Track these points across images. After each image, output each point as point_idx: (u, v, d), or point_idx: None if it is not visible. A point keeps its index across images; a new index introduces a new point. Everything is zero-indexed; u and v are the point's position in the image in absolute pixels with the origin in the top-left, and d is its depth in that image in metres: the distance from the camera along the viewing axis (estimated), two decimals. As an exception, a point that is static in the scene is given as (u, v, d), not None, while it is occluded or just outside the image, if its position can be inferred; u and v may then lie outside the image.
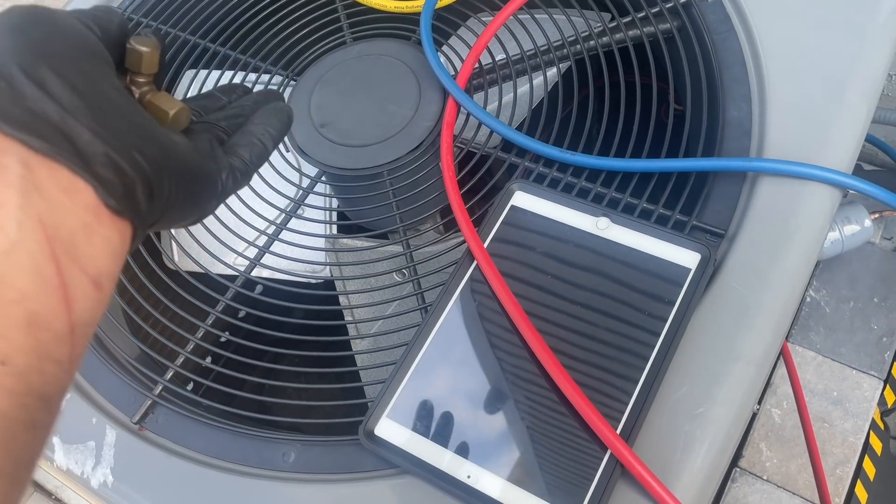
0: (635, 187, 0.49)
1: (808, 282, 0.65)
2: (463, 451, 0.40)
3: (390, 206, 0.52)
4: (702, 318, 0.42)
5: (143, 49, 0.30)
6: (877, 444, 0.90)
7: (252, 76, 0.62)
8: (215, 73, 0.63)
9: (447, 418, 0.41)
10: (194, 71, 0.63)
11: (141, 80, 0.30)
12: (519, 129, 0.58)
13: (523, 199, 0.48)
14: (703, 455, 0.39)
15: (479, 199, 0.52)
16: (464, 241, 0.47)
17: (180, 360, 0.49)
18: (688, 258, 0.44)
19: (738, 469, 0.90)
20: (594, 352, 0.42)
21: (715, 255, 0.43)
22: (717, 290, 0.43)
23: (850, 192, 0.47)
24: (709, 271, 0.43)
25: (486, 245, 0.46)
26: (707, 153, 0.50)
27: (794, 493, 0.87)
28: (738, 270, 0.44)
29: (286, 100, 0.58)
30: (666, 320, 0.42)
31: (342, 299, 0.53)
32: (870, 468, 0.89)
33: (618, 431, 0.38)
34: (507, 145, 0.53)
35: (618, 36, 0.57)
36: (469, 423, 0.41)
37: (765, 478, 0.89)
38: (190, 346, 0.49)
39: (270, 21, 0.63)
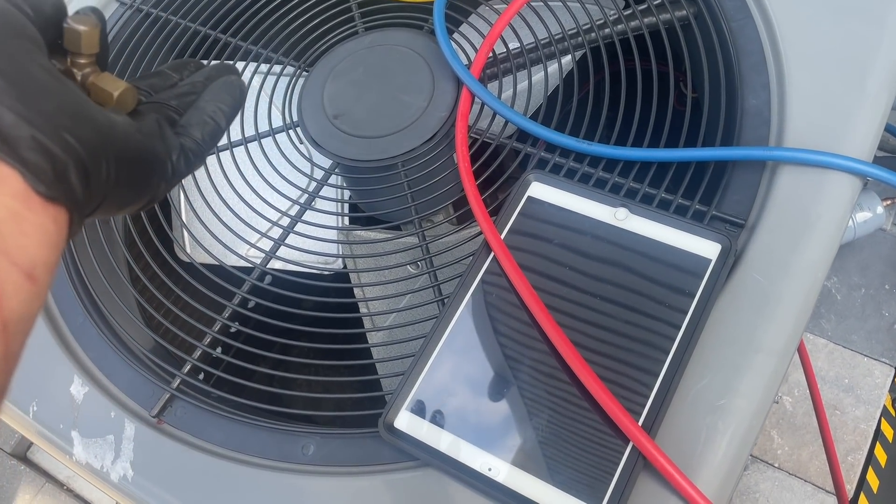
0: (653, 177, 0.49)
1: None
2: (483, 443, 0.40)
3: (405, 197, 0.52)
4: (723, 310, 0.42)
5: (82, 28, 0.28)
6: (888, 431, 0.90)
7: (264, 67, 0.62)
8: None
9: (467, 411, 0.41)
10: (206, 62, 0.63)
11: (82, 61, 0.29)
12: (534, 118, 0.58)
13: (540, 190, 0.48)
14: (725, 447, 0.39)
15: (494, 190, 0.52)
16: (479, 233, 0.47)
17: (198, 353, 0.48)
18: (708, 249, 0.43)
19: (749, 456, 0.90)
20: (614, 344, 0.41)
21: (735, 246, 0.43)
22: (738, 280, 0.43)
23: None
24: (729, 262, 0.43)
25: (503, 236, 0.46)
26: (725, 142, 0.50)
27: (805, 481, 0.87)
28: (758, 261, 0.43)
29: (301, 86, 0.57)
30: (686, 312, 0.41)
31: (357, 291, 0.52)
32: (881, 455, 0.89)
33: (640, 423, 0.38)
34: (522, 135, 0.53)
35: (633, 23, 0.56)
36: (489, 415, 0.41)
37: (776, 465, 0.89)
38: (207, 340, 0.49)
39: (282, 11, 0.62)
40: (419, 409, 0.42)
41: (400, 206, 0.53)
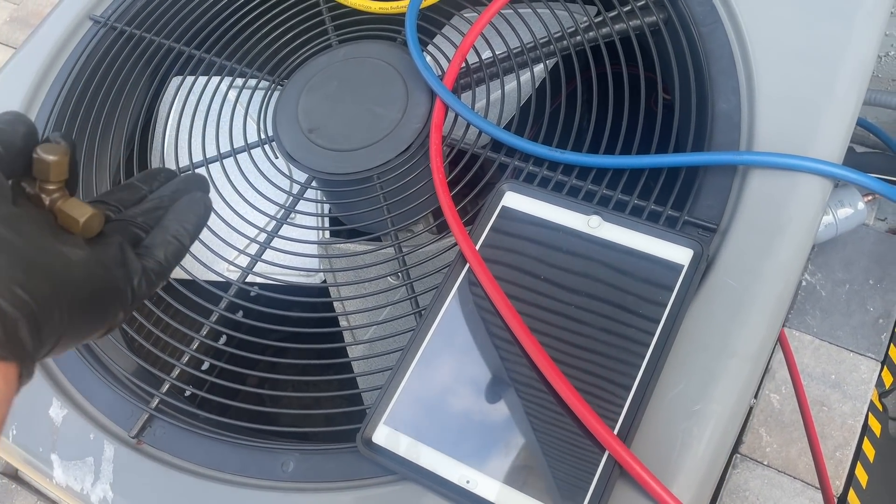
0: (626, 183, 0.49)
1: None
2: (461, 455, 0.40)
3: (381, 209, 0.52)
4: (696, 315, 0.42)
5: (51, 158, 0.29)
6: (875, 426, 0.91)
7: (239, 81, 0.62)
8: (202, 79, 0.62)
9: (445, 423, 0.41)
10: (180, 78, 0.63)
11: (50, 187, 0.29)
12: (508, 127, 0.58)
13: (514, 200, 0.48)
14: (701, 452, 0.39)
15: (471, 199, 0.52)
16: (455, 243, 0.47)
17: (176, 372, 0.48)
18: (680, 254, 0.44)
19: (738, 455, 0.91)
20: (590, 352, 0.42)
21: (707, 251, 0.43)
22: (711, 285, 0.43)
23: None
24: (702, 267, 0.43)
25: (477, 247, 0.46)
26: (697, 147, 0.50)
27: (794, 478, 0.88)
28: (730, 265, 0.44)
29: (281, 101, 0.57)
30: (660, 318, 0.42)
31: (337, 305, 0.53)
32: (869, 450, 0.90)
33: (615, 431, 0.38)
34: (496, 144, 0.53)
35: (604, 30, 0.56)
36: (467, 427, 0.41)
37: (765, 463, 0.89)
38: (185, 358, 0.49)
39: (255, 26, 0.63)
40: (397, 423, 0.42)
41: (376, 218, 0.53)
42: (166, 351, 0.50)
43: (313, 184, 0.55)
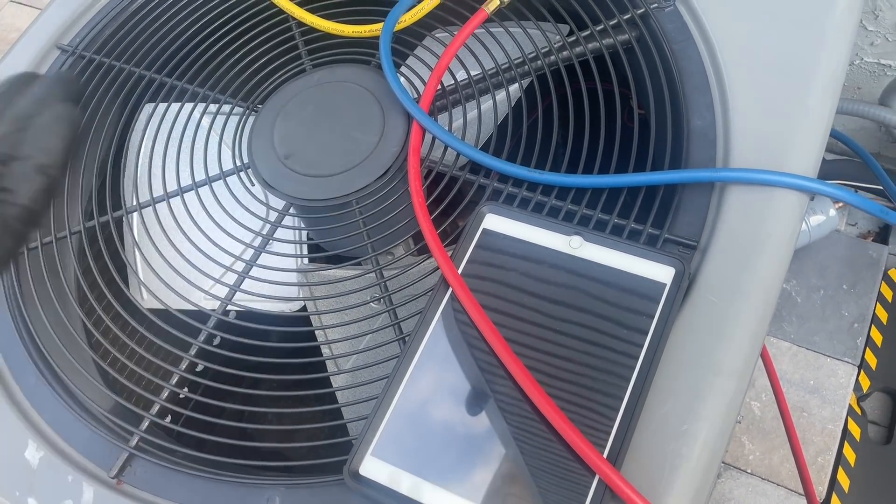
0: (606, 202, 0.49)
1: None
2: (451, 485, 0.39)
3: (361, 234, 0.51)
4: (680, 333, 0.43)
5: None
6: (855, 430, 0.92)
7: (213, 108, 0.61)
8: (174, 106, 0.62)
9: (433, 452, 0.41)
10: (152, 105, 0.62)
11: None
12: (486, 146, 0.58)
13: (495, 222, 0.48)
14: (690, 472, 0.39)
15: (452, 221, 0.52)
16: (437, 267, 0.47)
17: (156, 408, 0.47)
18: (662, 273, 0.44)
19: (722, 464, 0.91)
20: (577, 375, 0.41)
21: (689, 269, 0.43)
22: (693, 303, 0.43)
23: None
24: (684, 285, 0.43)
25: (460, 271, 0.46)
26: (674, 164, 0.50)
27: (778, 485, 0.88)
28: (712, 282, 0.44)
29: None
30: (645, 338, 0.42)
31: (318, 334, 0.52)
32: (850, 454, 0.90)
33: (605, 455, 0.38)
34: (475, 166, 0.53)
35: (578, 49, 0.57)
36: (455, 455, 0.40)
37: (749, 471, 0.90)
38: (165, 394, 0.48)
39: (228, 51, 0.62)
40: (384, 454, 0.41)
41: (356, 244, 0.53)
42: (142, 385, 0.49)
43: (291, 210, 0.54)
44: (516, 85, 0.57)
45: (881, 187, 0.92)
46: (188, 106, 0.61)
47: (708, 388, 0.41)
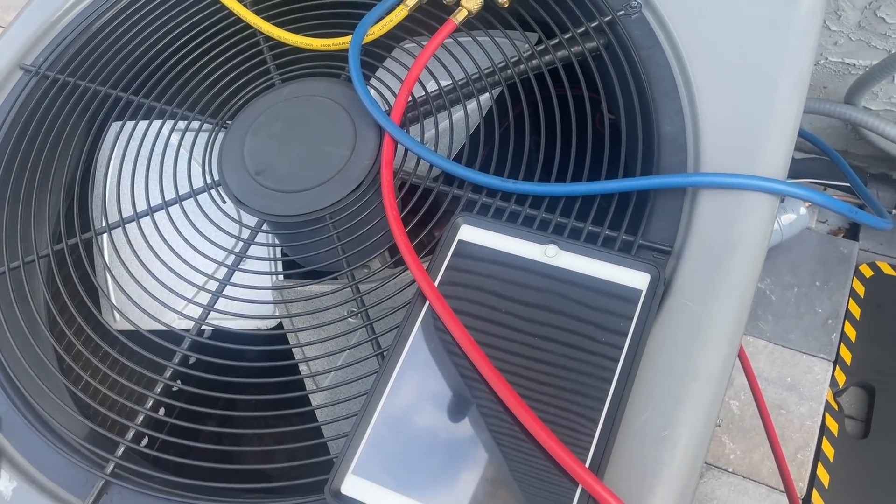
0: (580, 209, 0.49)
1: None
2: (435, 500, 0.39)
3: (336, 249, 0.51)
4: (657, 339, 0.43)
5: None
6: (833, 426, 0.93)
7: (181, 124, 0.61)
8: (142, 124, 0.61)
9: (416, 468, 0.40)
10: (119, 123, 0.61)
11: None
12: (459, 155, 0.58)
13: (470, 233, 0.48)
14: (672, 478, 0.39)
15: (428, 232, 0.52)
16: (413, 280, 0.46)
17: (131, 434, 0.46)
18: (638, 279, 0.44)
19: (703, 464, 0.92)
20: (557, 385, 0.41)
21: (664, 274, 0.44)
22: (670, 308, 0.44)
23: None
24: (660, 291, 0.43)
25: (436, 283, 0.46)
26: (646, 169, 0.51)
27: (759, 483, 0.89)
28: (687, 287, 0.44)
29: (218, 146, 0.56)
30: (623, 345, 0.42)
31: (296, 352, 0.51)
32: (828, 449, 0.92)
33: (587, 464, 0.38)
34: (448, 177, 0.53)
35: (547, 58, 0.57)
36: (438, 470, 0.40)
37: (730, 470, 0.91)
38: (140, 419, 0.47)
39: (194, 68, 0.61)
40: (366, 472, 0.41)
41: (332, 259, 0.52)
42: (116, 410, 0.48)
43: (264, 227, 0.54)
44: (487, 95, 0.57)
45: (849, 184, 0.93)
46: (156, 123, 0.60)
47: (686, 393, 0.41)
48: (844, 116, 0.97)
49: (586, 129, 0.52)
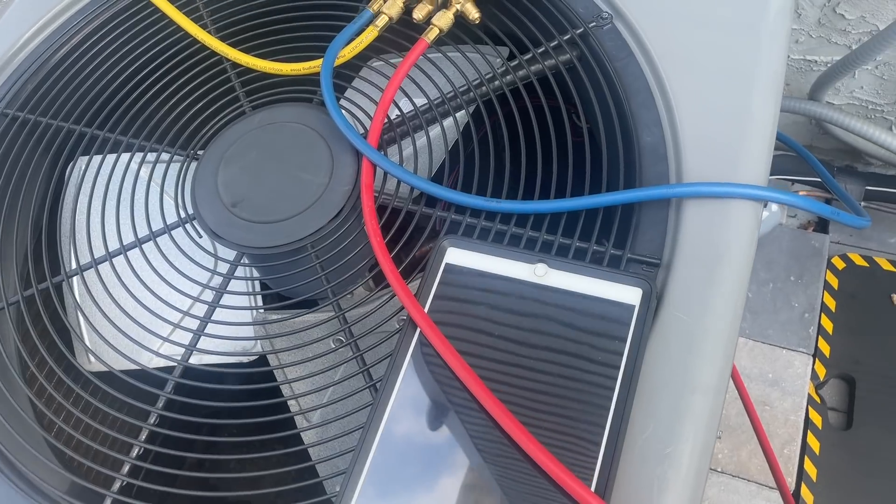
0: (566, 225, 0.49)
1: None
2: (439, 535, 0.38)
3: (320, 279, 0.50)
4: (653, 354, 0.42)
5: None
6: (816, 419, 0.94)
7: (151, 156, 0.59)
8: (111, 157, 0.59)
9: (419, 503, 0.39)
10: (86, 158, 0.59)
11: None
12: (440, 173, 0.57)
13: (457, 256, 0.47)
14: (678, 494, 0.39)
15: (413, 255, 0.51)
16: (402, 307, 0.45)
17: (117, 485, 0.45)
18: (630, 295, 0.43)
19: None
20: (557, 408, 0.41)
21: (656, 288, 0.43)
22: (663, 322, 0.43)
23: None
24: (653, 305, 0.43)
25: (426, 309, 0.45)
26: (629, 181, 0.50)
27: (749, 480, 0.90)
28: (679, 299, 0.44)
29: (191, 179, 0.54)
30: (620, 363, 0.41)
31: (284, 390, 0.50)
32: (814, 442, 0.92)
33: (593, 488, 0.38)
34: (431, 198, 0.52)
35: (521, 73, 0.56)
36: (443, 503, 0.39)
37: (719, 469, 0.91)
38: (126, 468, 0.45)
39: (160, 99, 0.59)
40: (367, 510, 0.39)
41: (317, 289, 0.51)
42: (100, 461, 0.46)
43: (243, 260, 0.52)
44: (463, 111, 0.57)
45: (818, 179, 0.94)
46: (125, 156, 0.59)
47: (686, 408, 0.40)
48: (810, 113, 0.98)
49: (566, 143, 0.52)
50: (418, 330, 0.44)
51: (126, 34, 0.63)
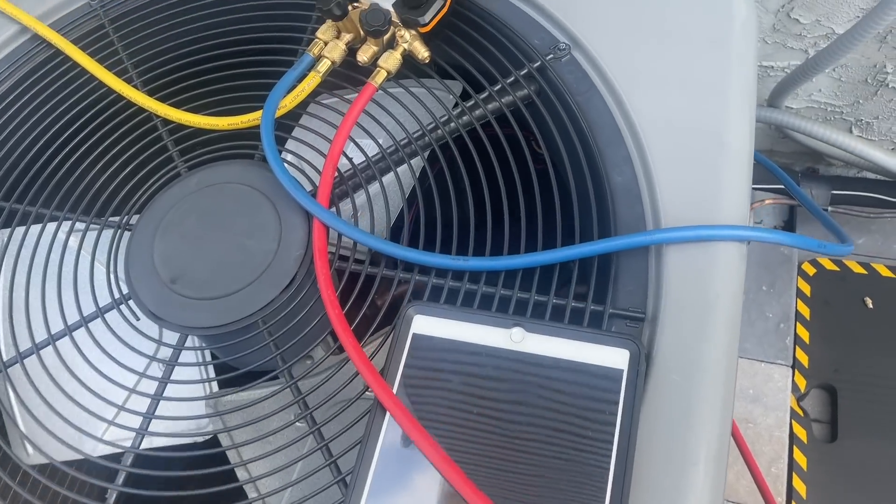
0: (540, 280, 0.45)
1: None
2: None
3: (275, 360, 0.45)
4: (648, 423, 0.39)
5: None
6: (801, 432, 0.92)
7: (80, 224, 0.53)
8: (20, 230, 0.53)
9: None
10: (8, 230, 0.53)
11: None
12: (398, 226, 0.53)
13: (424, 324, 0.43)
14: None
15: (381, 318, 0.46)
16: (368, 387, 0.41)
17: None
18: (617, 358, 0.40)
19: None
20: (549, 490, 0.37)
21: (643, 348, 0.39)
22: (656, 385, 0.40)
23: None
24: (643, 368, 0.39)
25: (395, 389, 0.41)
26: (603, 226, 0.47)
27: (738, 504, 0.87)
28: (671, 358, 0.40)
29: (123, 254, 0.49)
30: (613, 435, 0.37)
31: (240, 473, 0.45)
32: (800, 458, 0.90)
33: (596, 588, 0.34)
34: (392, 260, 0.47)
35: (478, 112, 0.53)
36: None
37: (708, 494, 0.88)
38: None
39: (86, 163, 0.54)
40: None
41: (272, 366, 0.46)
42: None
43: (187, 343, 0.47)
44: (418, 157, 0.53)
45: (781, 186, 0.93)
46: (51, 226, 0.53)
47: (690, 483, 0.37)
48: (771, 121, 0.96)
49: (532, 187, 0.48)
50: (387, 415, 0.40)
51: (43, 93, 0.57)
